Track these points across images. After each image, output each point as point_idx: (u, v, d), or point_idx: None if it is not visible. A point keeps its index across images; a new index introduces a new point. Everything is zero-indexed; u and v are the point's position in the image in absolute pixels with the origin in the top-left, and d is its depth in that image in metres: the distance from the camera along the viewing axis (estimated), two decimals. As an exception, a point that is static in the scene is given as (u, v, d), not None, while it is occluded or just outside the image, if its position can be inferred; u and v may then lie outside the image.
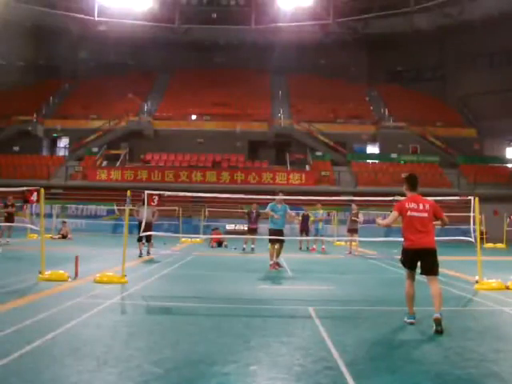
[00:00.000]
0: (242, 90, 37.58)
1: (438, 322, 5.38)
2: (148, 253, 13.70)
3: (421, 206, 5.75)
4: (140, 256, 13.27)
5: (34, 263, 9.51)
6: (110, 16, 37.32)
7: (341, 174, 30.31)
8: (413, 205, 5.74)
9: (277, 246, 11.12)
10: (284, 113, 36.27)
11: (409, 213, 5.71)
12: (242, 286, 8.78)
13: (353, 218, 16.10)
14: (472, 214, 9.33)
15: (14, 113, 33.86)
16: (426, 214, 5.73)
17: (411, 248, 5.73)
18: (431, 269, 5.72)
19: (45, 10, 36.41)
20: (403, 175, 6.29)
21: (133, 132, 34.20)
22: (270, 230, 11.28)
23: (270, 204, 11.35)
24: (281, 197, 11.44)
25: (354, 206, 16.47)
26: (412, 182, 5.93)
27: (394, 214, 5.82)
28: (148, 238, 13.40)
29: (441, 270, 5.86)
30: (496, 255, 15.99)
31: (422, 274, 5.80)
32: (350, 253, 16.08)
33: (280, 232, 11.12)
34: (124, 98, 35.60)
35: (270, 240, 11.13)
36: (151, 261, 12.71)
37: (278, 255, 11.22)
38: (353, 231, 16.18)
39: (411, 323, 5.73)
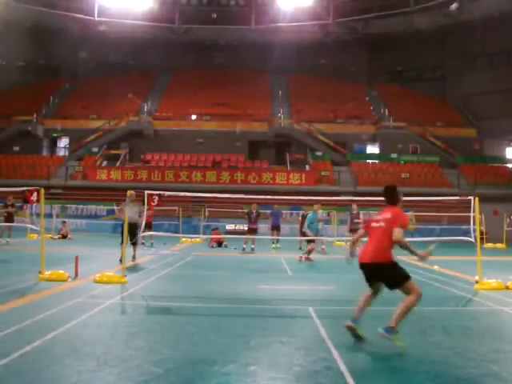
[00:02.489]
0: (242, 90, 37.57)
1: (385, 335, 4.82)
2: (133, 258, 11.98)
3: (380, 217, 5.09)
4: (120, 261, 10.75)
5: (34, 263, 9.51)
6: (110, 16, 37.27)
7: (341, 173, 30.28)
8: (378, 216, 5.16)
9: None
10: (284, 113, 36.25)
11: (372, 224, 5.17)
12: (242, 286, 8.78)
13: (354, 220, 16.10)
14: (472, 214, 9.33)
15: (14, 113, 33.84)
16: (382, 224, 4.98)
17: (359, 262, 5.11)
18: (392, 284, 5.01)
19: (45, 10, 36.35)
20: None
21: (133, 132, 34.19)
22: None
23: (310, 215, 14.12)
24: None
25: (354, 206, 16.48)
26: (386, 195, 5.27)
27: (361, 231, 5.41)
28: (132, 241, 11.68)
29: (441, 269, 5.83)
30: (496, 255, 15.98)
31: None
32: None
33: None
34: (124, 97, 35.57)
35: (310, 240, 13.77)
36: (152, 261, 12.66)
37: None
38: (355, 231, 16.17)
39: (348, 326, 5.04)
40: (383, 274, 4.95)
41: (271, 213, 18.41)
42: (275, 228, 17.88)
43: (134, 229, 11.39)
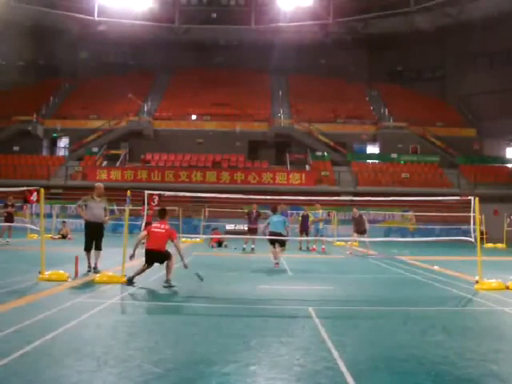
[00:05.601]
0: (242, 90, 37.59)
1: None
2: (94, 269, 9.51)
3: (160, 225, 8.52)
4: (89, 271, 9.48)
5: (34, 263, 9.51)
6: (109, 16, 37.29)
7: (341, 174, 30.28)
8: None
9: None
10: (284, 113, 36.27)
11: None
12: (242, 285, 8.78)
13: (360, 223, 16.18)
14: (472, 214, 9.32)
15: (14, 113, 33.86)
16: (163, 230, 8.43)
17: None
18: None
19: (45, 10, 36.38)
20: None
21: (133, 132, 34.20)
22: None
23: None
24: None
25: (354, 210, 16.72)
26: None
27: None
28: (97, 245, 9.66)
29: (441, 269, 5.83)
30: (496, 255, 15.99)
31: None
32: (351, 253, 16.11)
33: None
34: (124, 98, 35.59)
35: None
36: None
37: None
38: (362, 232, 16.23)
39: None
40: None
41: None
42: None
43: (99, 230, 9.72)
